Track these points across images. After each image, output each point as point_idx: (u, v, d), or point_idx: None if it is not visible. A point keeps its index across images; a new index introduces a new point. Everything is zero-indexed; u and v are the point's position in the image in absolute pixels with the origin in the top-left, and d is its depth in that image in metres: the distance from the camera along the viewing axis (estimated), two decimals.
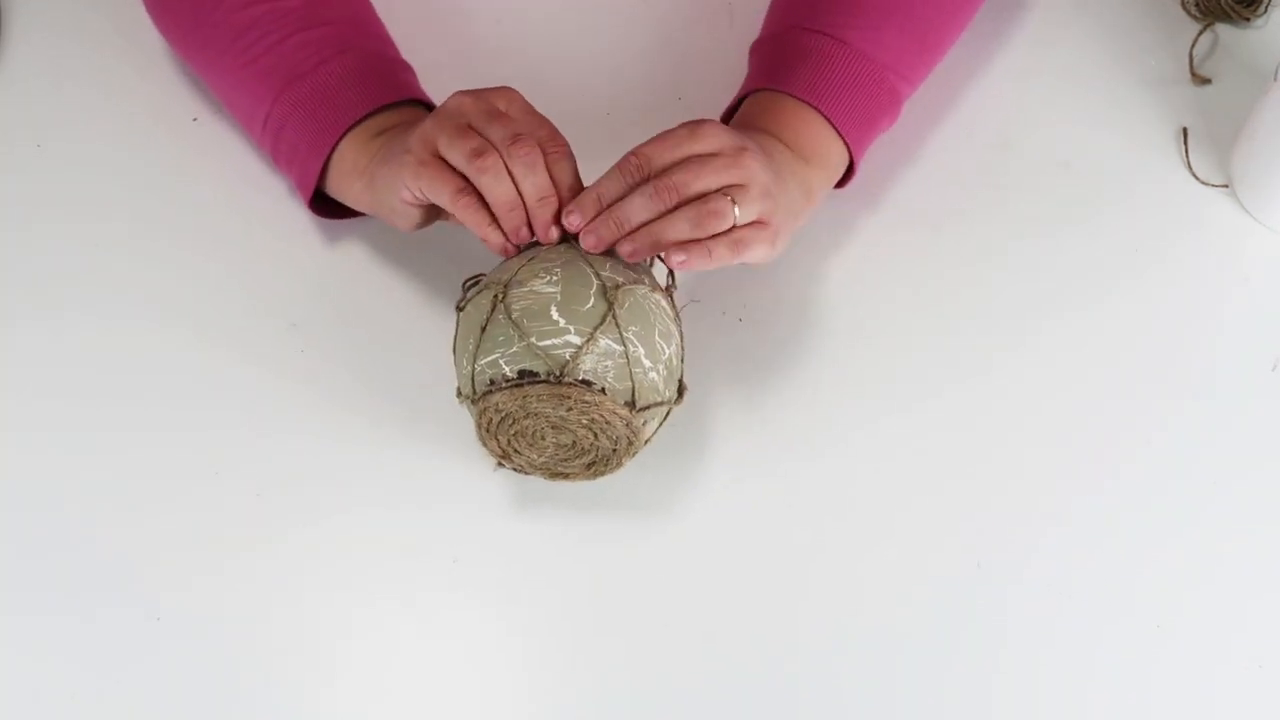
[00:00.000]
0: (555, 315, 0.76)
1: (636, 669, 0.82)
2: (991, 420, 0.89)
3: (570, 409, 0.76)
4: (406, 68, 0.93)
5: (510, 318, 0.76)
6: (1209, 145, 0.99)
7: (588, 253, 0.78)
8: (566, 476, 0.82)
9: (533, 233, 0.80)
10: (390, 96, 0.88)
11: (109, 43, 1.01)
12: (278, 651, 0.82)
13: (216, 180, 0.96)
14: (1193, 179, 0.98)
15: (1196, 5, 1.05)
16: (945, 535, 0.85)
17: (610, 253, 0.79)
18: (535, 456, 0.81)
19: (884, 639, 0.82)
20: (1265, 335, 0.92)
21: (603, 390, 0.76)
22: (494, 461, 0.81)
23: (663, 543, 0.85)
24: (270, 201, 0.95)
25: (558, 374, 0.75)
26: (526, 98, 0.82)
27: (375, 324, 0.91)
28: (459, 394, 0.80)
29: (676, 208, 0.78)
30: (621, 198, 0.78)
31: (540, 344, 0.75)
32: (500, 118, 0.79)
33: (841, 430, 0.88)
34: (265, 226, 0.94)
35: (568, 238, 0.80)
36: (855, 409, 0.89)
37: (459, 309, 0.81)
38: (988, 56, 1.02)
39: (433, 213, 0.83)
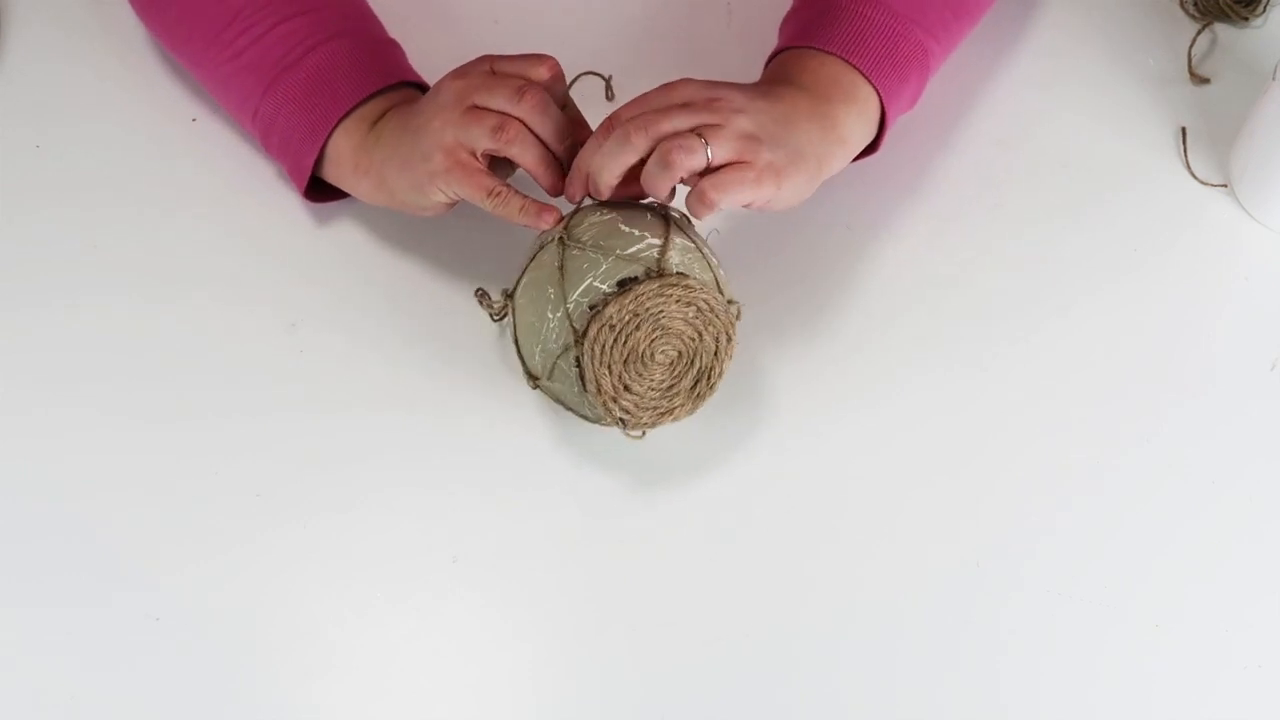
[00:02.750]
0: (625, 228, 0.80)
1: (637, 668, 0.82)
2: (989, 419, 0.89)
3: (678, 300, 0.78)
4: (395, 47, 0.93)
5: (586, 246, 0.79)
6: (1208, 145, 0.99)
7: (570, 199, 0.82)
8: (672, 412, 0.82)
9: (564, 187, 0.83)
10: (380, 81, 0.88)
11: (108, 43, 1.01)
12: (277, 651, 0.82)
13: (215, 181, 0.96)
14: (1192, 178, 0.98)
15: (1195, 5, 1.05)
16: (944, 534, 0.85)
17: None
18: (645, 390, 0.80)
19: (882, 637, 0.82)
20: (1264, 334, 0.92)
21: (695, 279, 0.79)
22: (604, 419, 0.81)
23: (662, 543, 0.85)
24: (270, 202, 0.95)
25: (656, 270, 0.78)
26: None
27: (375, 324, 0.91)
28: (533, 379, 0.82)
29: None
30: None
31: (626, 253, 0.78)
32: (496, 81, 0.82)
33: (840, 428, 0.88)
34: (265, 227, 0.94)
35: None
36: (854, 408, 0.89)
37: (509, 296, 0.83)
38: (988, 56, 1.02)
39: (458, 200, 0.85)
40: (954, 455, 0.88)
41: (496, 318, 0.84)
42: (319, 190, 0.91)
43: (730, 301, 0.82)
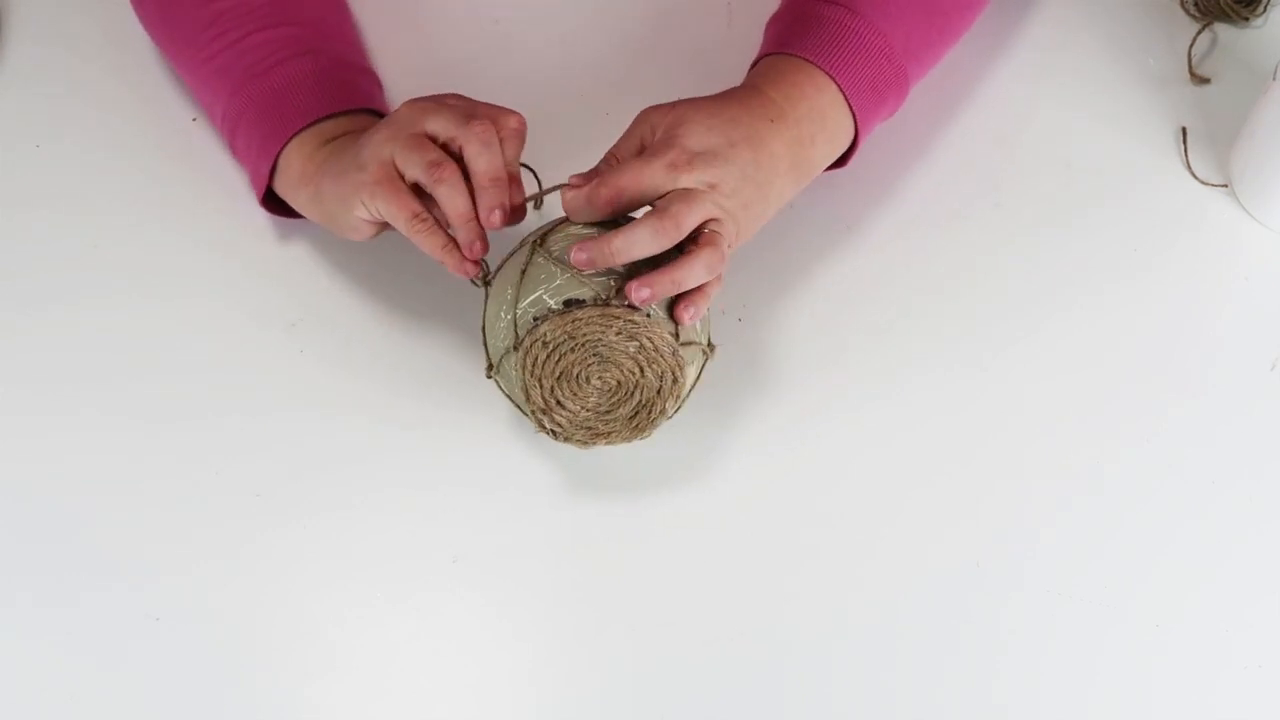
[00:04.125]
0: None
1: (636, 668, 0.82)
2: (989, 419, 0.89)
3: (619, 332, 0.77)
4: (369, 74, 0.92)
5: (551, 257, 0.78)
6: (1208, 145, 0.99)
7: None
8: (607, 436, 0.81)
9: (485, 247, 0.79)
10: (344, 104, 0.88)
11: (108, 43, 1.01)
12: (277, 651, 0.82)
13: (215, 180, 0.96)
14: (1192, 178, 0.98)
15: (1195, 5, 1.05)
16: (943, 534, 0.85)
17: None
18: (577, 409, 0.80)
19: (881, 637, 0.82)
20: (1264, 335, 0.92)
21: (648, 315, 0.77)
22: (533, 425, 0.80)
23: (662, 542, 0.85)
24: None
25: (604, 298, 0.77)
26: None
27: (374, 324, 0.91)
28: (490, 369, 0.81)
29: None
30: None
31: (585, 273, 0.77)
32: (451, 107, 0.79)
33: (840, 427, 0.88)
34: (265, 227, 0.94)
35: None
36: (854, 408, 0.89)
37: (486, 283, 0.81)
38: (988, 55, 1.02)
39: (385, 225, 0.82)
40: (954, 455, 0.88)
41: (477, 284, 0.82)
42: (278, 204, 0.90)
43: (689, 343, 0.79)
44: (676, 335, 0.78)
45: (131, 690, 0.81)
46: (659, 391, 0.79)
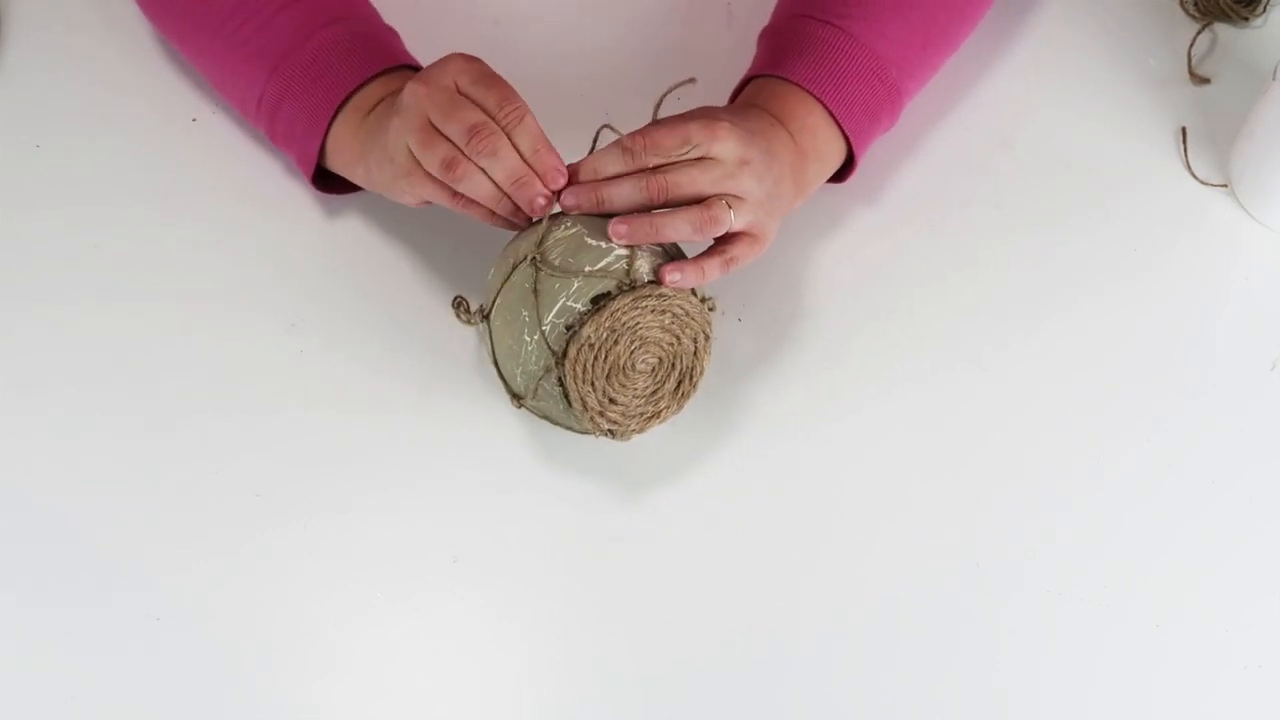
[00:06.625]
0: (591, 242, 0.80)
1: (636, 667, 0.82)
2: (989, 419, 0.89)
3: (652, 310, 0.79)
4: (392, 33, 0.93)
5: (555, 267, 0.79)
6: (1208, 145, 0.99)
7: (564, 209, 0.80)
8: (659, 415, 0.82)
9: (541, 207, 0.81)
10: (378, 65, 0.88)
11: (109, 43, 1.01)
12: (277, 651, 0.82)
13: (215, 181, 0.96)
14: (1192, 179, 0.98)
15: (1195, 5, 1.05)
16: (943, 534, 0.85)
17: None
18: (630, 399, 0.81)
19: (881, 637, 0.82)
20: (1264, 335, 0.92)
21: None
22: (589, 432, 0.81)
23: (663, 542, 0.85)
24: (271, 202, 0.95)
25: (627, 283, 0.78)
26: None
27: (375, 324, 0.91)
28: (516, 399, 0.82)
29: (665, 203, 0.80)
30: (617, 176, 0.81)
31: (595, 268, 0.78)
32: (455, 108, 0.79)
33: (839, 427, 0.88)
34: (265, 227, 0.94)
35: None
36: (855, 408, 0.89)
37: (485, 317, 0.82)
38: (988, 55, 1.02)
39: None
40: (954, 455, 0.88)
41: (472, 323, 0.84)
42: (325, 181, 0.91)
43: (703, 300, 0.82)
44: (694, 293, 0.81)
45: (131, 690, 0.81)
46: (695, 353, 0.81)
